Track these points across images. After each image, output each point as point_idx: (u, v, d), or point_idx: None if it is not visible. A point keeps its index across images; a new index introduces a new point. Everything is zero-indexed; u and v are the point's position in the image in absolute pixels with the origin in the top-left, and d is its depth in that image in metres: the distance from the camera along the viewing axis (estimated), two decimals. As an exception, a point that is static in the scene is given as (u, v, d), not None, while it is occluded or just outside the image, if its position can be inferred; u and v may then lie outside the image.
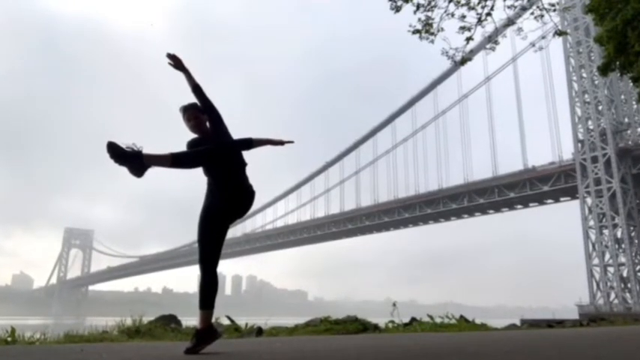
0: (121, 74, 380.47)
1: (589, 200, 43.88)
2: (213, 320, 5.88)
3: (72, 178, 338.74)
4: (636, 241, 42.70)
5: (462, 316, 8.54)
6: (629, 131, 44.01)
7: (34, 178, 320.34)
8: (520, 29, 7.34)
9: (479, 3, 7.06)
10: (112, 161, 2.63)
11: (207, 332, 3.03)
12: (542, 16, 7.19)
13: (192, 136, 3.18)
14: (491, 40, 7.92)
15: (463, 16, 7.08)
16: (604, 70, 10.19)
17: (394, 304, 7.84)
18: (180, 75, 3.26)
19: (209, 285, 3.06)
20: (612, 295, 41.74)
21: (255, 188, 3.16)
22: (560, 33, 8.21)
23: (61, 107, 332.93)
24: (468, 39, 7.24)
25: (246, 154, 3.22)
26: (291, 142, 3.23)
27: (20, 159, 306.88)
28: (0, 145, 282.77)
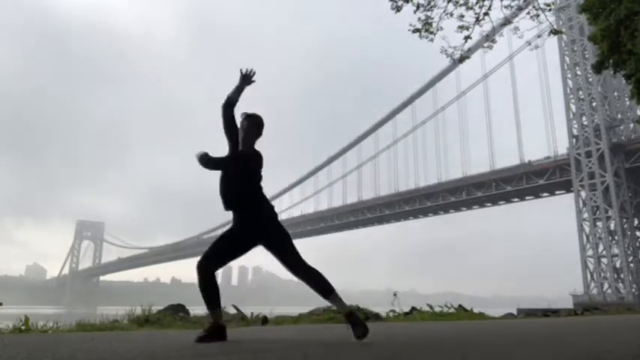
0: (129, 73, 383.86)
1: (583, 194, 44.60)
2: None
3: (83, 174, 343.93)
4: (629, 232, 43.52)
5: (460, 306, 8.89)
6: (622, 127, 44.64)
7: (47, 174, 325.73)
8: (516, 28, 7.41)
9: (477, 3, 7.18)
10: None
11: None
12: (537, 15, 7.28)
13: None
14: (489, 38, 8.09)
15: (461, 16, 7.22)
16: (598, 67, 10.62)
17: (395, 294, 8.07)
18: (185, 75, 3.68)
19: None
20: (605, 286, 42.55)
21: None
22: (555, 32, 8.34)
23: (72, 106, 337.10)
24: (466, 38, 7.35)
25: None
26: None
27: (33, 156, 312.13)
28: (14, 143, 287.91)
